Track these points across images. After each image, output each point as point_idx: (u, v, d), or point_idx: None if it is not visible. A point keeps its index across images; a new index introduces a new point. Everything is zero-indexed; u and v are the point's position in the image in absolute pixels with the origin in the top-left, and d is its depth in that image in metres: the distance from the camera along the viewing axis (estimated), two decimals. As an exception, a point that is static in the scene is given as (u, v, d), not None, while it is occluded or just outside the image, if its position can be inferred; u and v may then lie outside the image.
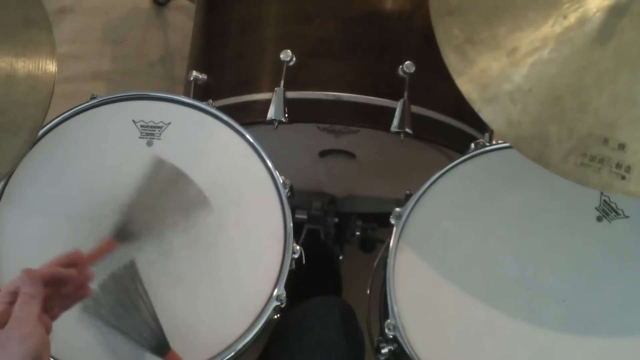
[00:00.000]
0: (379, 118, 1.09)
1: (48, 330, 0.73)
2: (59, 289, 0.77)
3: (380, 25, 1.13)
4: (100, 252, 0.86)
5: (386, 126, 1.08)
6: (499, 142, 1.03)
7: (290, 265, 0.95)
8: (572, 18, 0.87)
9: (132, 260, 0.87)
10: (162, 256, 0.94)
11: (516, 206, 0.99)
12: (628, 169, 0.82)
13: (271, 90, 1.09)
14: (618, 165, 0.82)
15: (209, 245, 0.95)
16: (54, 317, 0.77)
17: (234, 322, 0.91)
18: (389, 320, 0.92)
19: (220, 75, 1.19)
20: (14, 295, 0.71)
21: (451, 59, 0.89)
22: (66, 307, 0.79)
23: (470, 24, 0.90)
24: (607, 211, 0.97)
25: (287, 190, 0.99)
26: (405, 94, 1.08)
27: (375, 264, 1.14)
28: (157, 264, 0.93)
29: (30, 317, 0.70)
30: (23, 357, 0.67)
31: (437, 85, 1.05)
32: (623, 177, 0.82)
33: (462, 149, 1.05)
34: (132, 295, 0.84)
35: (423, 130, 1.10)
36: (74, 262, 0.79)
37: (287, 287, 0.93)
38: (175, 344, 0.89)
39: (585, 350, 0.90)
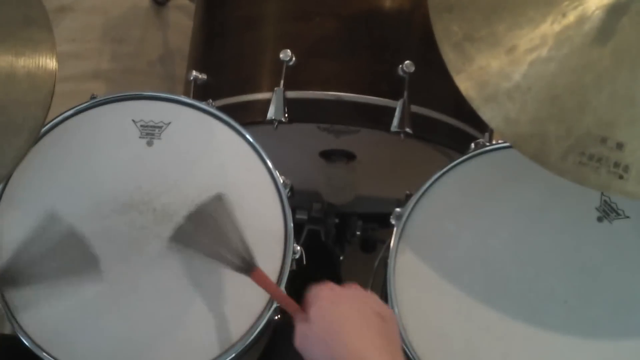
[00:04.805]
0: (379, 118, 1.09)
1: None
2: None
3: (380, 24, 1.13)
4: None
5: (386, 126, 1.08)
6: (500, 142, 1.02)
7: (291, 265, 0.94)
8: (571, 16, 0.86)
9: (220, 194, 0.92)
10: (162, 257, 0.94)
11: (517, 206, 0.98)
12: (626, 168, 0.82)
13: (271, 89, 1.09)
14: (616, 165, 0.82)
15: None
16: None
17: (234, 323, 0.91)
18: (389, 322, 0.92)
19: (220, 74, 1.19)
20: None
21: (450, 56, 0.89)
22: None
23: (469, 20, 0.89)
24: (608, 211, 0.97)
25: (288, 190, 0.99)
26: (405, 94, 1.08)
27: (376, 264, 1.13)
28: (157, 264, 0.93)
29: None
30: None
31: (437, 84, 1.05)
32: (621, 177, 0.82)
33: (462, 149, 1.04)
34: (220, 223, 0.89)
35: (423, 130, 1.10)
36: None
37: (287, 287, 0.93)
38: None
39: (587, 352, 0.90)
